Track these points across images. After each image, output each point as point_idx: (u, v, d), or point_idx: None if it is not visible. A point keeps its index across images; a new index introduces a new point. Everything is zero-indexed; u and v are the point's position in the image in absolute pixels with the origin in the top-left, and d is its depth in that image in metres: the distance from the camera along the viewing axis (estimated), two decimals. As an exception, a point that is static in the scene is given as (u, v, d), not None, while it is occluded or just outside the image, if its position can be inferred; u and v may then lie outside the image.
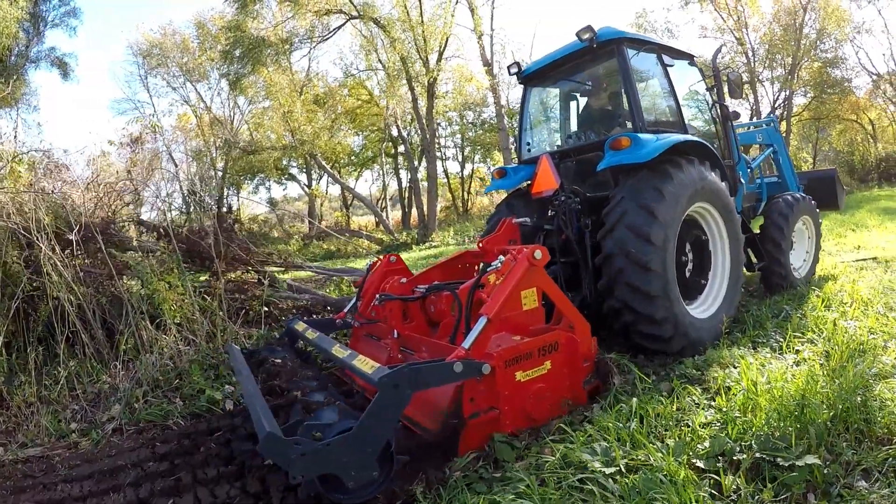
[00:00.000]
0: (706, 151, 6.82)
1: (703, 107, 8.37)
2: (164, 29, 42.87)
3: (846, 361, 4.77)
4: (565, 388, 4.67)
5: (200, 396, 5.88)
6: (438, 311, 5.68)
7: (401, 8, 30.73)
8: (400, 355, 5.41)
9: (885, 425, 3.76)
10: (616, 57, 6.82)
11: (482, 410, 4.19)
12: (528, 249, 4.72)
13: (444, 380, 3.85)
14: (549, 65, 7.64)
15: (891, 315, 6.49)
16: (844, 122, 48.31)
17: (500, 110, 34.67)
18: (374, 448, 3.46)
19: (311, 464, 3.25)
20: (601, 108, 7.89)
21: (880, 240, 14.83)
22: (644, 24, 43.75)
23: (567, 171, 7.34)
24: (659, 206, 5.80)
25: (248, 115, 43.54)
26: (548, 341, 4.54)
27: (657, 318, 5.71)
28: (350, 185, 46.88)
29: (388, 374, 3.56)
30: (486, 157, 50.87)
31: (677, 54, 7.63)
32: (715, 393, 4.69)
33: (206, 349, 6.81)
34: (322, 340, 5.16)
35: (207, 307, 7.40)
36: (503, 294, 4.55)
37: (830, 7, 42.37)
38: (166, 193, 10.29)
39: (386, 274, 6.45)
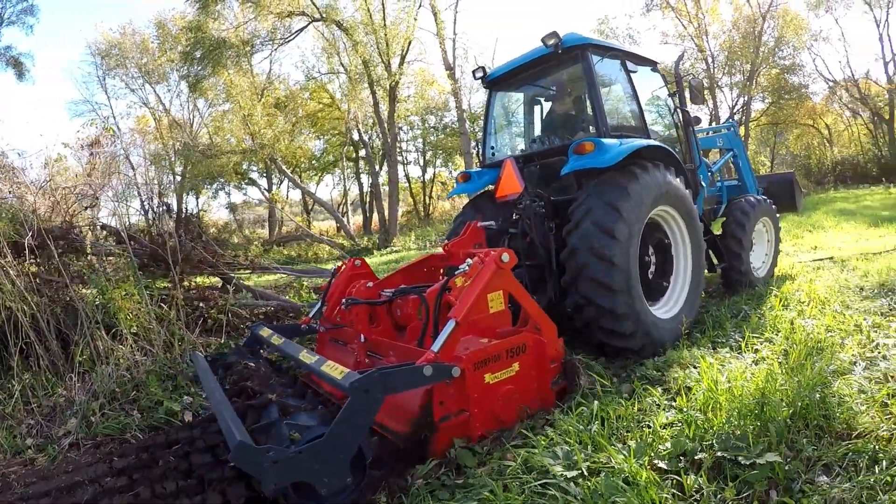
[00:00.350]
0: (668, 156, 6.97)
1: (665, 112, 8.52)
2: (123, 28, 42.33)
3: (804, 359, 4.82)
4: (534, 390, 4.68)
5: (158, 408, 5.73)
6: (405, 315, 5.65)
7: (364, 11, 30.52)
8: (367, 360, 5.38)
9: (843, 420, 3.80)
10: (581, 63, 6.89)
11: (452, 413, 4.20)
12: (495, 252, 4.73)
13: (415, 384, 3.83)
14: (514, 69, 7.67)
15: (847, 313, 6.59)
16: (801, 127, 49.22)
17: (462, 114, 34.61)
18: (346, 454, 3.43)
19: (284, 472, 3.21)
20: (565, 112, 7.97)
21: (836, 240, 15.07)
22: (606, 31, 44.03)
23: (531, 175, 7.35)
24: (624, 204, 5.89)
25: (208, 119, 43.09)
26: (515, 343, 4.56)
27: (619, 313, 5.76)
28: (311, 190, 46.57)
29: (358, 379, 3.52)
30: (448, 161, 50.74)
31: (641, 60, 7.74)
32: (675, 393, 4.72)
33: (163, 359, 6.63)
34: (288, 346, 5.07)
35: (164, 316, 7.19)
36: (471, 297, 4.55)
37: (789, 16, 43.18)
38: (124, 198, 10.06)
39: (351, 278, 6.39)
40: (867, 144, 46.17)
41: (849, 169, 43.50)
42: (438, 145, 49.14)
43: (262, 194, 48.37)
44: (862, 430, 3.66)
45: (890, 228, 16.67)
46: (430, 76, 39.32)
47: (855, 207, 23.88)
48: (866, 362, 4.90)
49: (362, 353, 5.42)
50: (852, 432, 3.68)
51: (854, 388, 4.29)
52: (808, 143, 51.28)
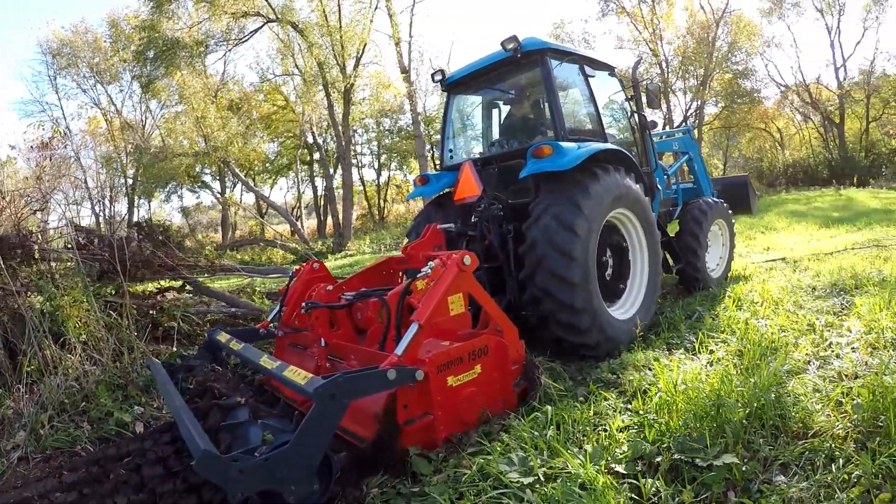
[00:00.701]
0: (625, 159, 7.00)
1: (622, 116, 8.58)
2: (75, 27, 41.49)
3: (759, 359, 4.85)
4: (496, 392, 4.66)
5: (109, 419, 5.50)
6: (365, 319, 5.55)
7: (319, 12, 30.28)
8: (328, 364, 5.29)
9: (799, 420, 3.81)
10: (539, 67, 6.91)
11: (416, 417, 4.14)
12: (457, 255, 4.72)
13: (379, 387, 3.79)
14: (473, 73, 7.67)
15: (800, 313, 6.65)
16: (754, 131, 50.21)
17: (417, 117, 34.46)
18: (312, 461, 3.36)
19: (250, 480, 3.12)
20: (524, 116, 8.01)
21: (788, 241, 15.36)
22: (561, 35, 44.44)
23: (489, 178, 7.36)
24: (584, 202, 5.95)
25: (161, 120, 42.43)
26: (477, 346, 4.53)
27: (577, 308, 5.77)
28: (265, 194, 46.08)
29: (323, 384, 3.44)
30: (403, 164, 50.58)
31: (598, 65, 7.78)
32: (631, 396, 4.69)
33: (113, 369, 6.35)
34: (248, 351, 4.90)
35: (113, 324, 6.92)
36: (434, 299, 4.52)
37: (742, 22, 44.02)
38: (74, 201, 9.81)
39: (309, 282, 6.27)
40: (818, 148, 47.32)
41: (800, 171, 44.54)
42: (393, 148, 49.01)
43: (216, 198, 47.83)
44: (818, 429, 3.67)
45: (841, 229, 17.03)
46: (386, 79, 39.23)
47: (806, 209, 24.38)
48: (820, 361, 4.95)
49: (323, 358, 5.33)
50: (808, 431, 3.69)
51: (809, 387, 4.31)
52: (760, 146, 52.47)
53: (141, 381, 6.18)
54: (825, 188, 35.54)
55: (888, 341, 5.06)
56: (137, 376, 6.26)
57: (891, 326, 5.28)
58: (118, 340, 6.66)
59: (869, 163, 42.48)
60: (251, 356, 4.66)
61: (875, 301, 6.22)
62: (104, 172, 44.12)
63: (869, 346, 5.05)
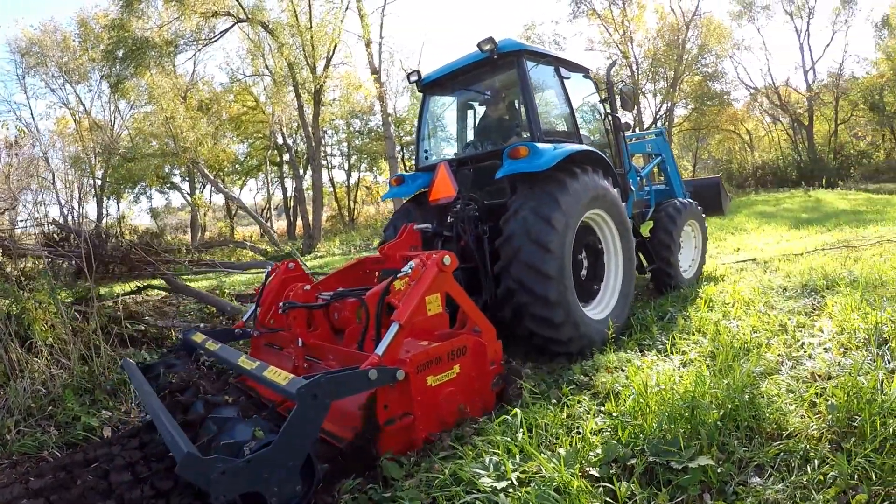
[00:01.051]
0: (600, 160, 7.02)
1: (596, 118, 8.67)
2: (45, 26, 41.02)
3: (732, 361, 4.83)
4: (474, 391, 4.69)
5: (76, 424, 5.42)
6: (343, 319, 5.55)
7: (290, 13, 30.18)
8: (305, 364, 5.28)
9: (773, 421, 3.79)
10: (516, 68, 6.94)
11: (397, 417, 4.14)
12: (437, 255, 4.75)
13: (360, 387, 3.79)
14: (449, 74, 7.66)
15: (772, 313, 6.64)
16: (723, 133, 50.74)
17: (388, 118, 34.39)
18: (296, 461, 3.35)
19: (233, 482, 3.10)
20: (499, 117, 7.99)
21: (758, 242, 15.47)
22: (532, 37, 44.53)
23: (464, 178, 7.36)
24: (562, 198, 6.01)
25: (130, 120, 41.98)
26: (456, 345, 4.56)
27: (551, 300, 5.79)
28: (234, 195, 45.71)
29: (305, 384, 3.43)
30: (373, 165, 50.46)
31: (574, 67, 7.83)
32: (604, 398, 4.66)
33: (80, 372, 6.26)
34: (225, 351, 4.88)
35: (80, 327, 6.84)
36: (414, 299, 4.55)
37: (712, 25, 44.48)
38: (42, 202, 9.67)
39: (285, 281, 6.27)
40: (787, 149, 47.85)
41: (769, 173, 45.04)
42: (363, 149, 48.87)
43: (185, 199, 47.39)
44: (792, 430, 3.65)
45: (810, 230, 17.19)
46: (357, 80, 39.12)
47: (775, 210, 24.61)
48: (793, 362, 4.93)
49: (300, 358, 5.32)
50: (783, 432, 3.66)
51: (782, 387, 4.30)
52: (729, 147, 53.06)
53: (108, 384, 6.12)
54: (794, 189, 35.91)
55: (860, 341, 5.05)
56: (105, 380, 6.18)
57: (863, 327, 5.27)
58: (85, 343, 6.53)
59: (838, 164, 43.02)
60: (229, 356, 4.65)
61: (847, 301, 6.23)
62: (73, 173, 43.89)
63: (841, 347, 5.05)
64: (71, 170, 44.35)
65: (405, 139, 44.99)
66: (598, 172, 6.74)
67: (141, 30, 29.20)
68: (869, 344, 4.93)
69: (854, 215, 20.00)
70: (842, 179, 39.26)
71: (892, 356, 4.55)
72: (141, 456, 4.35)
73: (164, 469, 4.05)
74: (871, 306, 5.84)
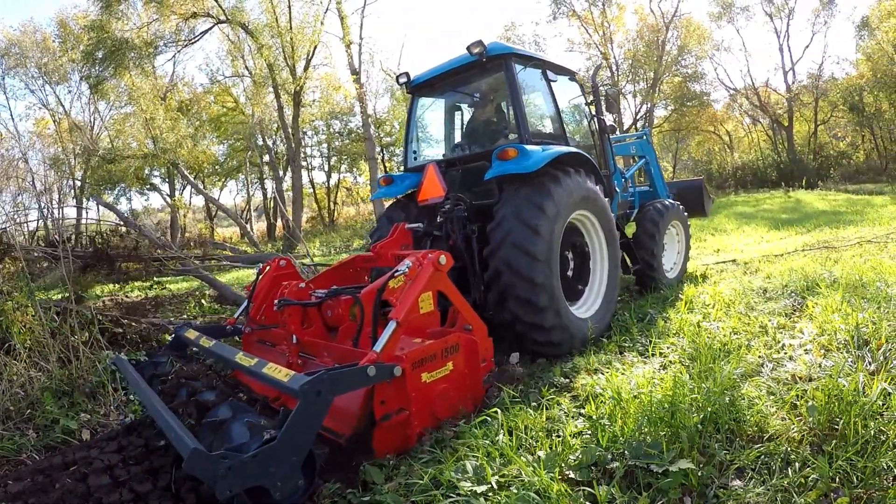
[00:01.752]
0: (586, 162, 7.13)
1: (582, 120, 8.79)
2: (24, 26, 40.72)
3: (712, 362, 4.83)
4: (466, 388, 4.79)
5: (55, 427, 5.40)
6: (336, 316, 5.67)
7: (269, 14, 30.08)
8: (300, 361, 5.35)
9: (754, 423, 3.77)
10: (504, 71, 7.04)
11: (393, 412, 4.23)
12: (433, 255, 4.91)
13: (360, 384, 3.92)
14: (439, 76, 7.76)
15: (752, 314, 6.63)
16: (703, 133, 51.03)
17: (367, 119, 34.29)
18: (298, 456, 3.43)
19: (239, 477, 3.17)
20: (487, 119, 8.11)
21: (738, 243, 15.55)
22: (512, 37, 44.60)
23: (452, 179, 7.44)
24: (549, 198, 6.14)
25: (110, 122, 41.65)
26: (450, 343, 4.68)
27: (537, 282, 5.92)
28: (214, 196, 45.53)
29: (309, 381, 3.50)
30: (353, 166, 50.35)
31: (560, 70, 7.96)
32: (584, 401, 4.63)
33: (59, 375, 6.19)
34: (220, 348, 4.98)
35: (58, 329, 6.76)
36: (411, 298, 4.69)
37: (692, 26, 44.68)
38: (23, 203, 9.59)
39: (276, 278, 6.35)
40: (767, 150, 47.98)
41: (749, 174, 45.16)
42: (343, 151, 48.76)
43: (164, 200, 47.09)
44: (773, 433, 3.64)
45: (790, 231, 17.26)
46: (337, 81, 39.02)
47: (755, 211, 24.72)
48: (773, 363, 4.91)
49: (294, 355, 5.37)
50: (763, 435, 3.65)
51: (763, 390, 4.29)
52: (709, 148, 53.35)
53: (87, 387, 6.08)
54: (774, 190, 36.07)
55: (841, 343, 5.02)
56: (84, 382, 6.14)
57: (843, 328, 5.24)
58: (63, 346, 6.50)
59: (817, 165, 43.16)
60: (225, 354, 4.74)
61: (827, 302, 6.22)
62: (52, 174, 43.56)
63: (822, 348, 5.02)
64: (50, 171, 44.12)
65: (385, 140, 44.97)
66: (584, 174, 6.86)
67: (120, 31, 28.93)
68: (849, 345, 4.91)
69: (834, 216, 20.10)
70: (822, 180, 39.41)
71: (873, 357, 4.52)
72: (119, 459, 4.33)
73: (143, 472, 4.04)
74: (852, 307, 5.83)
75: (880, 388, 3.75)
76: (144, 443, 4.56)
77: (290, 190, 37.00)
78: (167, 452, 4.32)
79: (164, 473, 4.00)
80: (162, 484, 3.84)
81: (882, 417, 3.53)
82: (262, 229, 50.17)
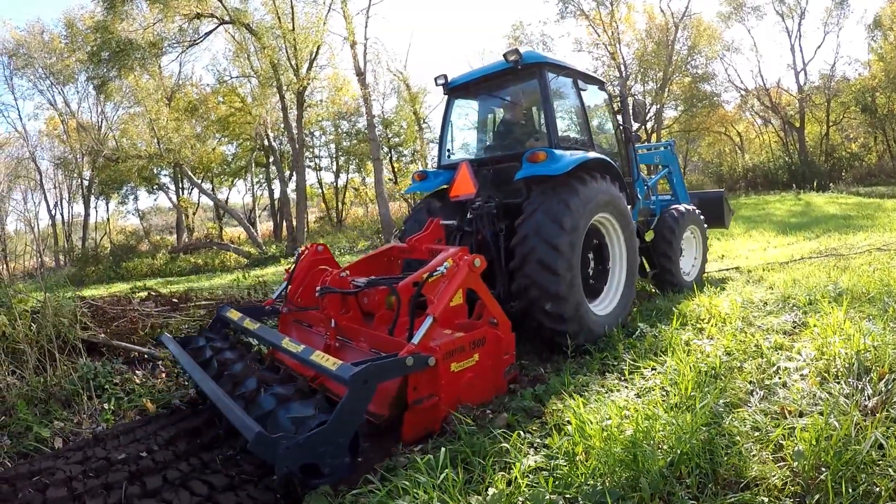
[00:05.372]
0: (611, 169, 7.59)
1: (609, 128, 9.23)
2: (31, 26, 40.60)
3: (695, 389, 4.39)
4: (489, 378, 5.19)
5: (29, 434, 5.38)
6: (372, 303, 6.09)
7: (273, 14, 29.94)
8: (337, 344, 5.84)
9: (731, 466, 3.33)
10: (537, 78, 7.43)
11: (424, 397, 4.66)
12: (469, 257, 5.35)
13: (399, 373, 4.39)
14: (475, 80, 8.21)
15: (749, 331, 6.23)
16: (713, 135, 50.59)
17: (371, 120, 33.96)
18: (346, 437, 3.88)
19: (295, 456, 3.61)
20: (519, 123, 8.55)
21: (743, 248, 15.12)
22: (520, 37, 44.26)
23: (483, 178, 7.78)
24: (574, 199, 6.57)
25: (117, 122, 41.57)
26: (477, 336, 5.10)
27: (561, 295, 6.30)
28: (223, 196, 45.70)
29: (357, 371, 3.95)
30: (361, 167, 50.08)
31: (590, 80, 8.41)
32: (552, 429, 4.26)
33: (35, 382, 6.15)
34: (265, 332, 5.55)
35: (33, 337, 6.67)
36: (448, 296, 5.10)
37: (702, 26, 44.20)
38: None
39: (313, 262, 6.93)
40: (778, 152, 47.48)
41: (760, 176, 44.73)
42: (351, 151, 48.63)
43: (170, 200, 46.98)
44: (752, 479, 3.21)
45: (798, 236, 16.84)
46: (341, 81, 38.78)
47: (764, 214, 24.21)
48: (764, 391, 4.45)
49: (333, 338, 5.87)
50: (741, 480, 3.22)
51: (747, 424, 3.82)
52: (720, 150, 52.96)
53: (63, 394, 6.08)
54: (785, 192, 35.66)
55: (840, 370, 4.54)
56: (59, 390, 6.12)
57: (843, 353, 4.74)
58: (40, 352, 6.57)
59: (829, 167, 42.76)
60: (273, 338, 5.32)
61: (828, 321, 5.72)
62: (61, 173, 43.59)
63: (819, 374, 4.57)
64: (58, 170, 44.17)
65: (393, 141, 44.74)
66: (608, 180, 7.24)
67: (125, 31, 28.84)
68: (849, 374, 4.42)
69: (843, 221, 19.73)
70: (833, 182, 38.95)
71: (874, 390, 4.04)
72: (80, 471, 4.45)
73: (99, 486, 4.18)
74: (855, 328, 5.33)
75: (873, 437, 3.26)
76: (106, 455, 4.70)
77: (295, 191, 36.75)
78: (123, 466, 4.46)
79: (117, 488, 4.12)
80: (113, 500, 4.00)
81: (876, 468, 3.08)
82: (269, 229, 50.15)
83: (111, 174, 40.44)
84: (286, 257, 28.58)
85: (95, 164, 39.61)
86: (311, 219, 48.75)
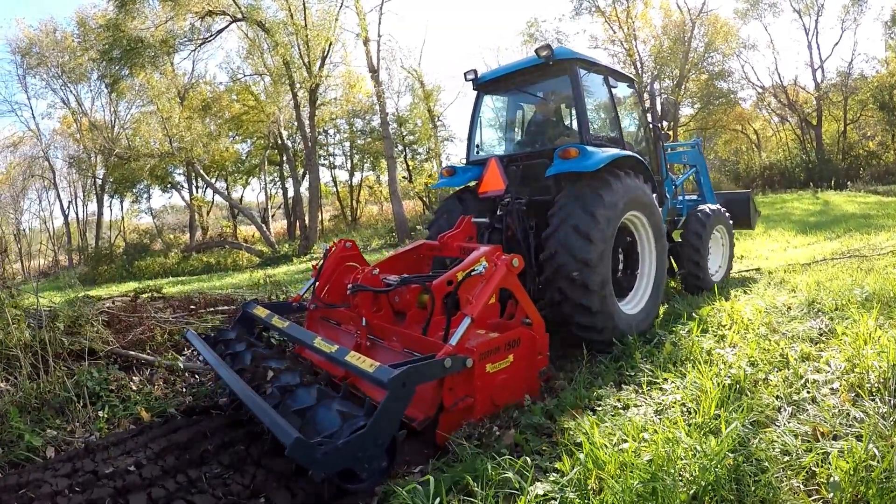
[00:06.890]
0: (641, 166, 7.58)
1: (638, 126, 9.10)
2: (44, 25, 40.57)
3: (719, 408, 4.05)
4: (522, 379, 5.10)
5: (20, 442, 5.18)
6: (404, 302, 5.98)
7: (285, 11, 29.86)
8: (367, 343, 5.80)
9: (760, 497, 3.01)
10: (568, 75, 7.36)
11: (459, 399, 4.60)
12: (507, 257, 5.25)
13: (437, 374, 4.32)
14: (505, 75, 8.08)
15: (773, 338, 5.86)
16: (730, 132, 50.24)
17: (385, 117, 33.78)
18: (384, 441, 3.83)
19: (333, 461, 3.56)
20: (550, 119, 8.50)
21: (763, 248, 14.79)
22: (535, 34, 44.00)
23: (512, 175, 7.73)
24: (606, 195, 6.49)
25: (130, 120, 41.48)
26: (512, 337, 5.02)
27: (590, 287, 6.23)
28: (233, 194, 45.63)
29: (396, 374, 3.87)
30: (375, 165, 50.00)
31: (621, 77, 8.38)
32: (563, 450, 3.89)
33: (28, 389, 5.95)
34: (296, 330, 5.52)
35: (28, 342, 6.47)
36: (485, 296, 5.01)
37: (719, 23, 43.83)
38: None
39: (341, 259, 6.83)
40: (795, 150, 47.09)
41: (776, 174, 44.38)
42: (366, 149, 48.51)
43: (183, 199, 46.94)
44: (781, 512, 2.89)
45: (819, 236, 16.51)
46: (354, 79, 38.58)
47: (782, 213, 23.83)
48: (792, 407, 4.14)
49: (363, 336, 5.84)
50: (771, 512, 2.91)
51: (776, 448, 3.49)
52: (736, 147, 52.62)
53: (56, 402, 5.89)
54: (802, 191, 35.28)
55: (874, 385, 4.20)
56: (53, 397, 5.94)
57: (877, 367, 4.39)
58: (34, 358, 6.36)
59: (846, 165, 42.30)
60: (304, 338, 5.23)
61: (858, 329, 5.37)
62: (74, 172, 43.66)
63: (851, 389, 4.25)
64: (72, 169, 44.22)
65: (408, 138, 44.55)
66: (639, 177, 7.19)
67: (136, 29, 28.84)
68: (884, 390, 4.07)
69: (863, 220, 19.39)
70: (851, 181, 38.47)
71: (915, 411, 3.69)
72: (67, 485, 4.32)
73: (85, 501, 4.06)
74: (888, 336, 4.98)
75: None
76: (94, 468, 4.55)
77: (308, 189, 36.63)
78: (109, 482, 4.29)
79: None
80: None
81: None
82: (283, 227, 50.05)
83: (124, 173, 40.37)
84: (298, 255, 28.40)
85: (108, 162, 39.52)
86: (326, 217, 48.63)
